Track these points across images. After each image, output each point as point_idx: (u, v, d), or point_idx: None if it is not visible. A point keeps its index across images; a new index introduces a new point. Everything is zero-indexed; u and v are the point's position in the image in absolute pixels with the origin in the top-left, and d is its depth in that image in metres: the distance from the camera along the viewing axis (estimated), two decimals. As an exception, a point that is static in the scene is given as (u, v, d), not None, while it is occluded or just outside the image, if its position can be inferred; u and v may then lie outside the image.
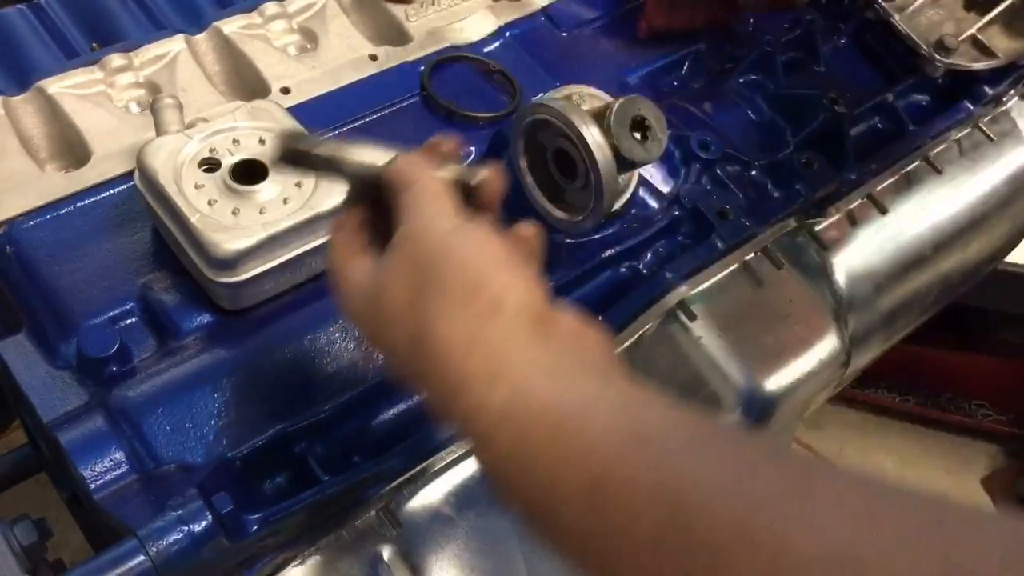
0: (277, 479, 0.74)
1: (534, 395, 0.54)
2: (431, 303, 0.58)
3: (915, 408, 2.28)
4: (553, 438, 0.52)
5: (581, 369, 0.57)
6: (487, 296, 0.57)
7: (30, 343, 0.76)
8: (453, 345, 0.57)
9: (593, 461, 0.51)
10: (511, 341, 0.56)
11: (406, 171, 0.66)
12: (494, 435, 0.54)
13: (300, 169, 0.70)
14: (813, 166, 0.98)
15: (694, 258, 0.90)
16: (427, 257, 0.59)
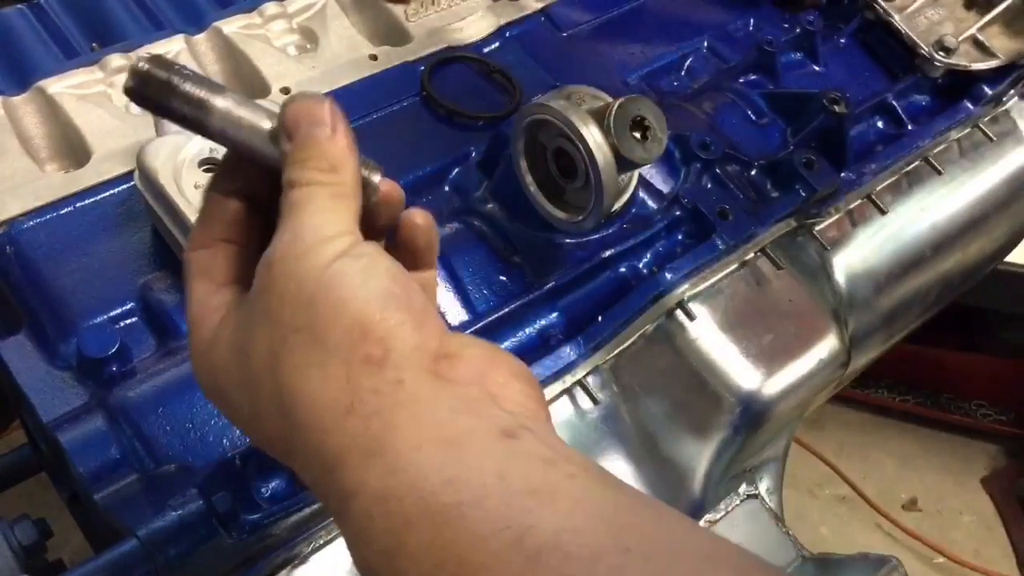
0: (277, 479, 0.74)
1: (419, 473, 0.43)
2: (298, 355, 0.47)
3: (915, 408, 2.28)
4: (433, 535, 0.42)
5: (484, 427, 0.46)
6: (370, 343, 0.46)
7: (30, 343, 0.76)
8: (325, 409, 0.46)
9: (473, 571, 0.41)
10: (397, 395, 0.46)
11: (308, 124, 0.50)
12: (367, 527, 0.44)
13: (157, 112, 0.52)
14: (813, 166, 0.98)
15: (694, 258, 0.90)
16: (298, 295, 0.47)
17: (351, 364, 0.46)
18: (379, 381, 0.46)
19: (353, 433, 0.45)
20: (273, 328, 0.48)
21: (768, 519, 0.97)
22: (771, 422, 0.91)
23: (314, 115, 0.50)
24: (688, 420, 0.88)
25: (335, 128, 0.51)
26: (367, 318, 0.47)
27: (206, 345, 0.52)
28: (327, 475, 0.46)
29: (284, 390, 0.47)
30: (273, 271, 0.49)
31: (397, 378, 0.46)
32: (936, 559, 2.09)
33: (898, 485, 2.22)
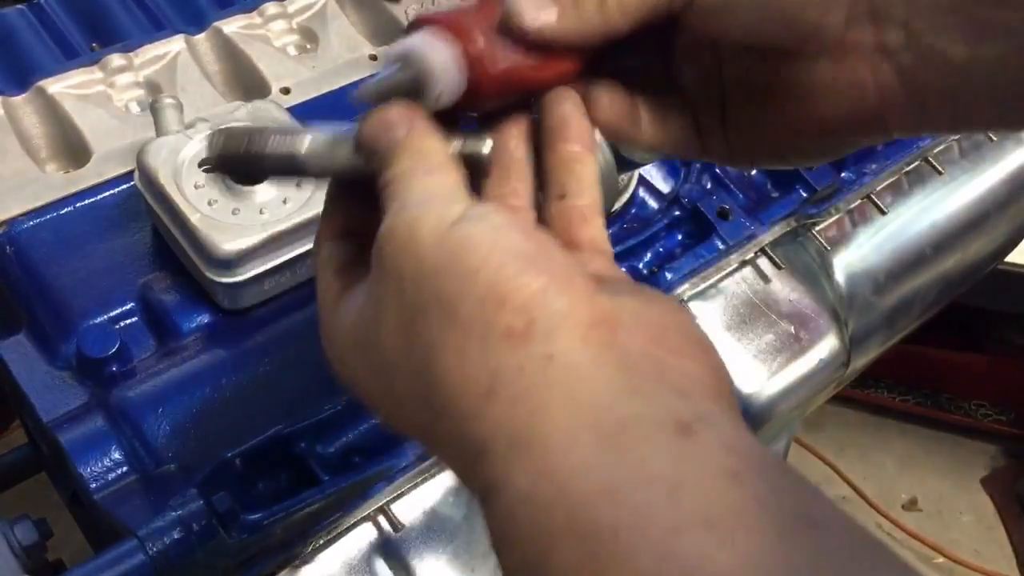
0: (277, 479, 0.74)
1: (571, 477, 0.36)
2: (430, 334, 0.42)
3: (915, 408, 2.28)
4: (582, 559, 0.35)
5: (654, 416, 0.38)
6: (509, 313, 0.40)
7: (30, 343, 0.76)
8: (464, 393, 0.41)
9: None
10: (547, 372, 0.39)
11: (384, 133, 0.47)
12: (509, 531, 0.38)
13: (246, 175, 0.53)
14: (813, 166, 0.98)
15: (694, 258, 0.90)
16: (419, 268, 0.42)
17: (489, 339, 0.40)
18: (524, 357, 0.40)
19: (496, 420, 0.39)
20: (398, 311, 0.43)
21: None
22: (771, 422, 0.91)
23: (389, 121, 0.47)
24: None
25: (412, 124, 0.47)
26: (502, 286, 0.41)
27: (330, 336, 0.49)
28: (471, 466, 0.41)
29: (420, 375, 0.42)
30: (384, 250, 0.44)
31: (546, 352, 0.39)
32: (936, 559, 2.09)
33: (898, 485, 2.22)
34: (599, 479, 0.36)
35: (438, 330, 0.41)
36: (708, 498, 0.35)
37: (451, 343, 0.41)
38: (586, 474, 0.36)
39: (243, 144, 0.48)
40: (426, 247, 0.42)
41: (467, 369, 0.40)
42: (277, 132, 0.49)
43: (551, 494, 0.36)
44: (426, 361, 0.42)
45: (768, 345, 0.90)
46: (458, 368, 0.41)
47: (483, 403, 0.40)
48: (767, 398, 0.89)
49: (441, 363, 0.41)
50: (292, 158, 0.49)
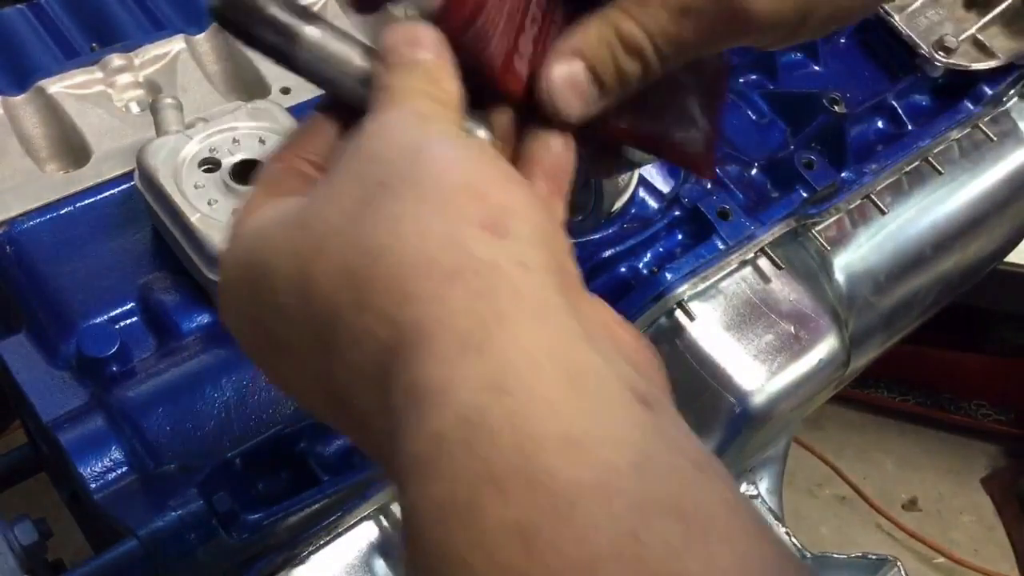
0: (277, 479, 0.74)
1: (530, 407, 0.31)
2: (387, 207, 0.35)
3: (915, 408, 2.28)
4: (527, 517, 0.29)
5: (616, 377, 0.33)
6: (490, 206, 0.35)
7: (30, 343, 0.76)
8: (416, 267, 0.34)
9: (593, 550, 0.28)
10: (520, 279, 0.34)
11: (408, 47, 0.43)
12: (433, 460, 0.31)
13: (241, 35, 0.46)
14: (813, 166, 0.98)
15: (694, 258, 0.90)
16: (397, 157, 0.37)
17: (460, 223, 0.35)
18: (496, 252, 0.34)
19: (453, 308, 0.33)
20: (354, 187, 0.37)
21: (768, 519, 0.97)
22: (771, 422, 0.91)
23: (416, 37, 0.43)
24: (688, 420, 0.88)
25: (439, 53, 0.43)
26: (485, 182, 0.36)
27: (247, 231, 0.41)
28: (394, 362, 0.33)
29: (358, 247, 0.35)
30: (363, 136, 0.39)
31: (521, 259, 0.34)
32: (936, 559, 2.09)
33: (898, 485, 2.22)
34: (558, 421, 0.30)
35: (400, 203, 0.35)
36: (677, 485, 0.30)
37: (413, 217, 0.35)
38: (544, 409, 0.31)
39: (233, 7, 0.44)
40: (413, 141, 0.38)
41: (429, 245, 0.34)
42: (292, 4, 0.45)
43: (501, 421, 0.30)
44: (373, 233, 0.35)
45: (768, 345, 0.90)
46: (417, 240, 0.34)
47: (441, 284, 0.33)
48: (767, 398, 0.89)
49: (395, 237, 0.35)
50: (289, 34, 0.45)
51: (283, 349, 0.40)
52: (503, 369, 0.32)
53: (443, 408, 0.31)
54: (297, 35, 0.45)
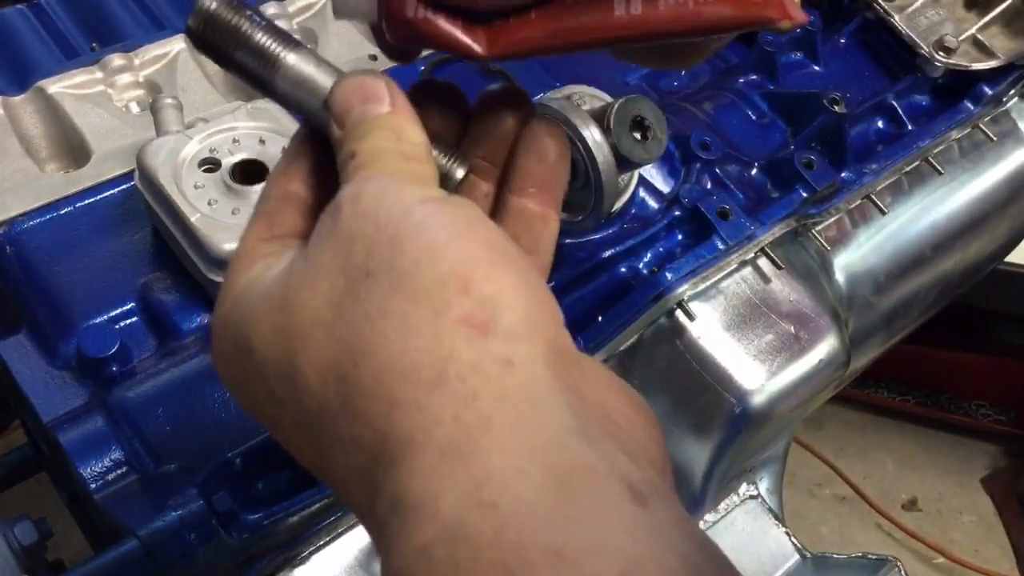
0: (277, 479, 0.74)
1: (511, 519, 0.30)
2: (371, 303, 0.35)
3: (915, 408, 2.28)
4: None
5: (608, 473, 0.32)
6: (473, 299, 0.35)
7: (30, 343, 0.76)
8: (400, 374, 0.34)
9: None
10: (503, 380, 0.33)
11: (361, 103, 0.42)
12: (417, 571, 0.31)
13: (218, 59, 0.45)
14: (813, 166, 0.98)
15: (694, 258, 0.90)
16: (376, 237, 0.36)
17: (443, 320, 0.34)
18: (481, 353, 0.33)
19: (436, 416, 0.32)
20: (337, 275, 0.36)
21: (768, 519, 0.97)
22: (771, 422, 0.91)
23: (368, 91, 0.42)
24: (688, 420, 0.88)
25: (395, 103, 0.42)
26: (469, 268, 0.35)
27: (238, 292, 0.42)
28: (377, 469, 0.33)
29: (343, 344, 0.35)
30: (341, 214, 0.38)
31: (506, 356, 0.34)
32: (936, 559, 2.09)
33: (898, 485, 2.22)
34: (545, 533, 0.30)
35: (383, 298, 0.35)
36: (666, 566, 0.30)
37: (396, 315, 0.34)
38: (530, 521, 0.30)
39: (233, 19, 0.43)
40: (391, 214, 0.36)
41: (411, 347, 0.34)
42: (273, 29, 0.44)
43: (484, 535, 0.30)
44: (358, 329, 0.35)
45: (768, 345, 0.90)
46: (399, 344, 0.34)
47: (425, 391, 0.33)
48: (767, 398, 0.89)
49: (376, 335, 0.34)
50: (269, 61, 0.44)
51: (273, 421, 0.41)
52: (487, 479, 0.31)
53: (427, 522, 0.31)
54: (279, 63, 0.44)
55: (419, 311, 0.34)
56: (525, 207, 0.46)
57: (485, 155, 0.47)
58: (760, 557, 0.94)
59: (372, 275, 0.35)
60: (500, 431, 0.32)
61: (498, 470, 0.31)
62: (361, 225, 0.37)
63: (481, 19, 0.44)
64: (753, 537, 0.95)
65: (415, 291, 0.35)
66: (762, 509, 0.98)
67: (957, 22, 1.13)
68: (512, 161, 0.47)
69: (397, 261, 0.35)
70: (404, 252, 0.35)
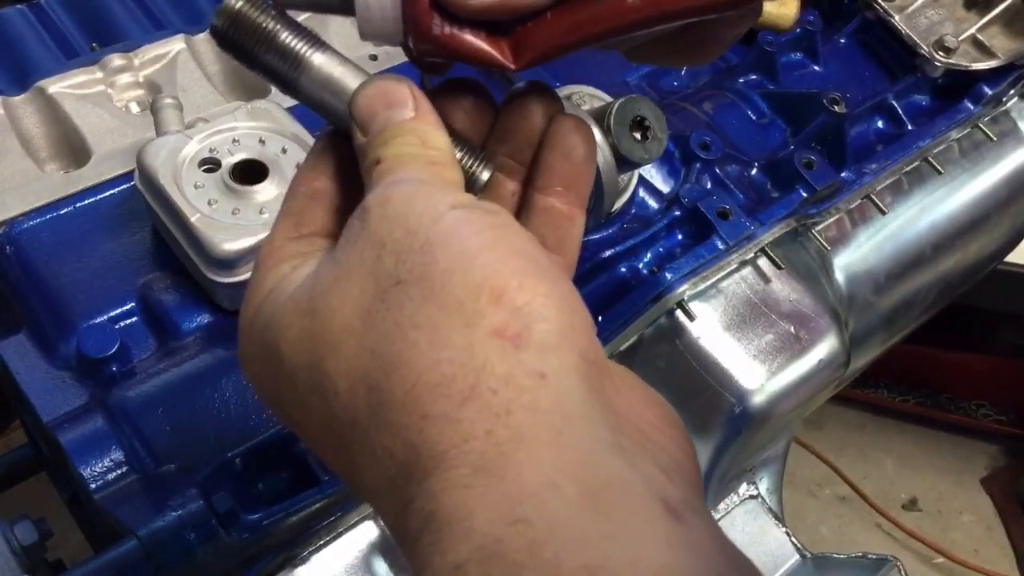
0: (277, 479, 0.74)
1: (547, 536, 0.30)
2: (404, 310, 0.35)
3: (915, 408, 2.28)
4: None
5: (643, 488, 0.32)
6: (504, 311, 0.34)
7: (30, 343, 0.76)
8: (432, 385, 0.33)
9: None
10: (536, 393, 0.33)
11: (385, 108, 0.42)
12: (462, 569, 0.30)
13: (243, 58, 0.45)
14: (813, 166, 0.98)
15: (694, 258, 0.90)
16: (407, 242, 0.36)
17: (475, 332, 0.33)
18: (514, 366, 0.33)
19: (468, 430, 0.32)
20: (367, 281, 0.36)
21: (768, 519, 0.97)
22: (771, 422, 0.91)
23: (392, 97, 0.42)
24: (688, 420, 0.88)
25: (418, 108, 0.42)
26: (502, 278, 0.34)
27: (265, 293, 0.41)
28: (409, 483, 0.33)
29: (375, 355, 0.35)
30: (371, 215, 0.37)
31: (538, 369, 0.33)
32: (936, 559, 2.09)
33: (898, 485, 2.22)
34: (581, 550, 0.29)
35: (414, 308, 0.34)
36: None
37: (427, 326, 0.34)
38: (566, 538, 0.30)
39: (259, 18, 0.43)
40: (421, 219, 0.36)
41: (443, 359, 0.33)
42: (298, 29, 0.44)
43: (519, 553, 0.29)
44: (388, 339, 0.34)
45: (768, 345, 0.90)
46: (431, 355, 0.33)
47: (457, 404, 0.33)
48: (767, 398, 0.89)
49: (410, 347, 0.34)
50: (295, 62, 0.44)
51: (300, 425, 0.41)
52: (521, 495, 0.31)
53: (462, 539, 0.31)
54: (304, 64, 0.44)
55: (451, 321, 0.34)
56: (552, 206, 0.46)
57: (511, 152, 0.47)
58: (760, 557, 0.94)
59: (403, 283, 0.35)
60: (533, 446, 0.32)
61: (532, 486, 0.31)
62: (391, 229, 0.36)
63: (502, 28, 0.45)
64: (753, 537, 0.95)
65: (447, 301, 0.34)
66: (762, 509, 0.98)
67: (957, 22, 1.13)
68: (538, 159, 0.46)
69: (429, 269, 0.35)
70: (436, 260, 0.35)
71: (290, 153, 0.81)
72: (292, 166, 0.80)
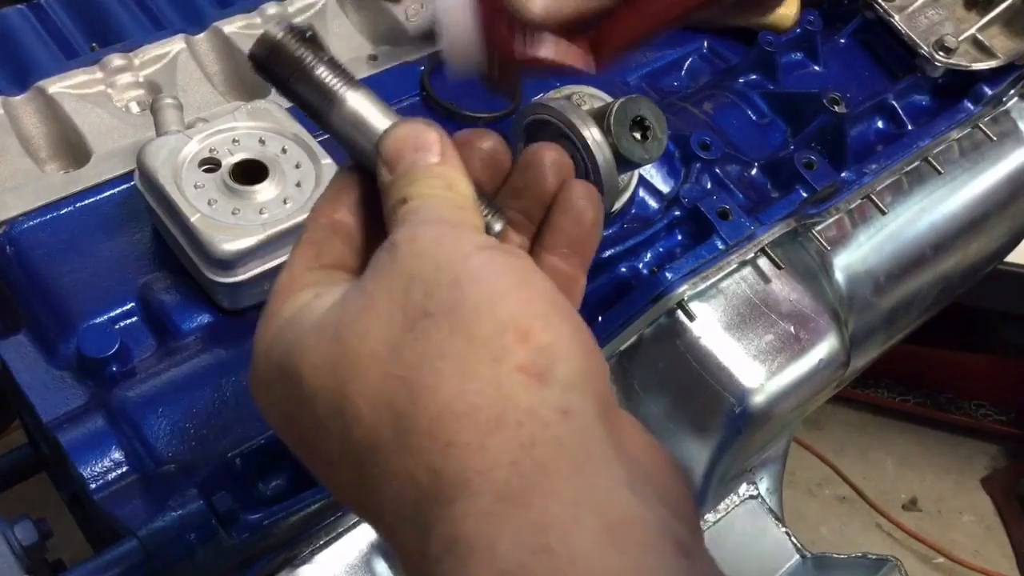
0: (277, 479, 0.74)
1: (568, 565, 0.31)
2: (429, 343, 0.36)
3: (915, 408, 2.28)
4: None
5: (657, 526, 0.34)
6: (530, 349, 0.36)
7: (30, 343, 0.76)
8: (460, 414, 0.35)
9: None
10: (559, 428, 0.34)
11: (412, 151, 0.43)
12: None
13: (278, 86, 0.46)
14: (813, 166, 0.98)
15: (694, 258, 0.90)
16: (436, 278, 0.37)
17: (502, 366, 0.35)
18: (538, 401, 0.35)
19: (494, 459, 0.33)
20: (395, 312, 0.37)
21: (768, 519, 0.97)
22: (771, 422, 0.91)
23: (420, 141, 0.43)
24: (688, 420, 0.88)
25: (445, 154, 0.44)
26: (529, 319, 0.36)
27: (285, 319, 0.42)
28: (432, 508, 0.34)
29: (402, 383, 0.36)
30: (399, 252, 0.39)
31: (562, 406, 0.35)
32: (936, 559, 2.09)
33: (898, 485, 2.22)
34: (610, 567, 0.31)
35: (442, 339, 0.36)
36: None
37: (456, 356, 0.35)
38: (587, 569, 0.31)
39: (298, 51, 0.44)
40: (451, 257, 0.38)
41: (469, 389, 0.35)
42: (335, 65, 0.45)
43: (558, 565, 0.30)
44: (416, 368, 0.36)
45: (768, 345, 0.90)
46: (458, 385, 0.35)
47: (483, 433, 0.34)
48: (767, 398, 0.89)
49: (438, 377, 0.35)
50: (328, 98, 0.45)
51: (316, 453, 0.41)
52: (544, 525, 0.32)
53: (485, 566, 0.32)
54: (337, 99, 0.45)
55: (478, 355, 0.36)
56: (556, 266, 0.47)
57: (522, 209, 0.48)
58: (760, 557, 0.94)
59: (431, 316, 0.37)
60: (556, 479, 0.33)
61: (555, 517, 0.32)
62: (420, 265, 0.38)
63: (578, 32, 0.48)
64: (753, 537, 0.95)
65: (474, 335, 0.36)
66: (762, 509, 0.98)
67: (957, 22, 1.13)
68: (548, 219, 0.48)
69: (458, 304, 0.37)
70: (465, 296, 0.37)
71: (290, 153, 0.81)
72: (292, 166, 0.80)
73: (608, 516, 0.33)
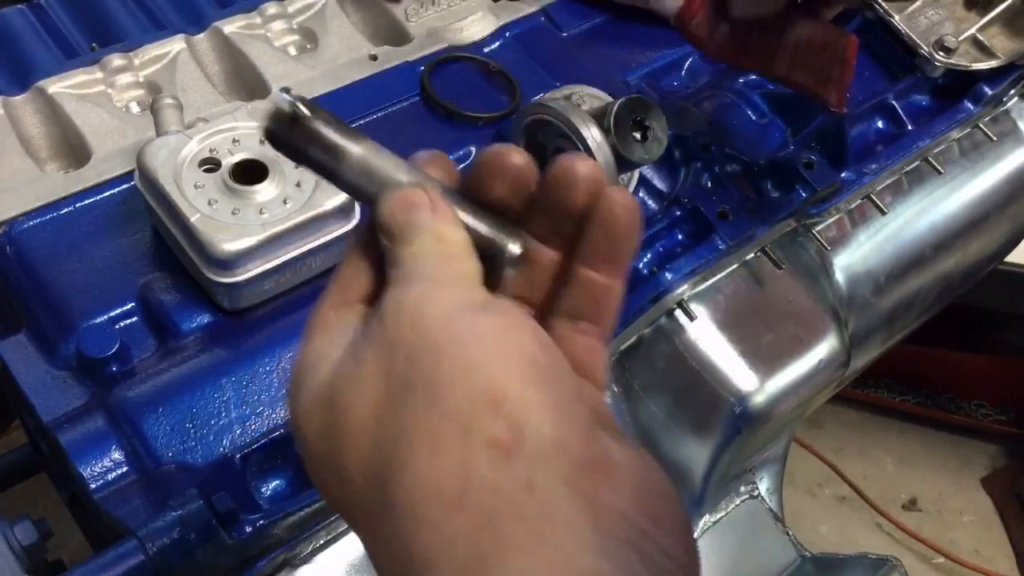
0: (277, 479, 0.74)
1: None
2: (409, 417, 0.38)
3: (915, 408, 2.28)
4: None
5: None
6: (499, 420, 0.37)
7: (30, 343, 0.76)
8: (426, 496, 0.36)
9: None
10: (521, 503, 0.35)
11: (404, 213, 0.45)
12: None
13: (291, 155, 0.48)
14: (813, 166, 0.98)
15: (694, 258, 0.90)
16: (417, 345, 0.39)
17: (470, 441, 0.36)
18: (502, 476, 0.36)
19: (453, 537, 0.35)
20: (380, 381, 0.39)
21: (768, 519, 0.97)
22: (771, 422, 0.91)
23: (409, 202, 0.45)
24: (688, 420, 0.88)
25: (435, 208, 0.45)
26: (501, 388, 0.37)
27: (309, 365, 0.44)
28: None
29: (384, 456, 0.38)
30: (387, 319, 0.41)
31: (527, 480, 0.36)
32: (936, 559, 2.09)
33: (898, 485, 2.22)
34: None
35: (417, 414, 0.37)
36: None
37: (428, 432, 0.37)
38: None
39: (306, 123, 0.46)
40: (431, 325, 0.39)
41: (438, 467, 0.36)
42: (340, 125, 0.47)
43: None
44: (395, 443, 0.38)
45: (768, 345, 0.90)
46: (428, 461, 0.36)
47: (445, 513, 0.35)
48: (767, 398, 0.89)
49: (410, 453, 0.37)
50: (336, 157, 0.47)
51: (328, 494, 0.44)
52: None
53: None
54: (344, 155, 0.47)
55: (449, 428, 0.37)
56: (591, 279, 0.47)
57: (553, 224, 0.47)
58: (760, 557, 0.94)
59: (411, 387, 0.38)
60: (517, 553, 0.34)
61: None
62: (403, 333, 0.40)
63: None
64: (753, 537, 0.95)
65: (447, 409, 0.37)
66: (762, 509, 0.98)
67: (957, 22, 1.13)
68: (582, 231, 0.47)
69: (434, 375, 0.38)
70: (441, 367, 0.38)
71: (290, 153, 0.81)
72: (292, 166, 0.80)
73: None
